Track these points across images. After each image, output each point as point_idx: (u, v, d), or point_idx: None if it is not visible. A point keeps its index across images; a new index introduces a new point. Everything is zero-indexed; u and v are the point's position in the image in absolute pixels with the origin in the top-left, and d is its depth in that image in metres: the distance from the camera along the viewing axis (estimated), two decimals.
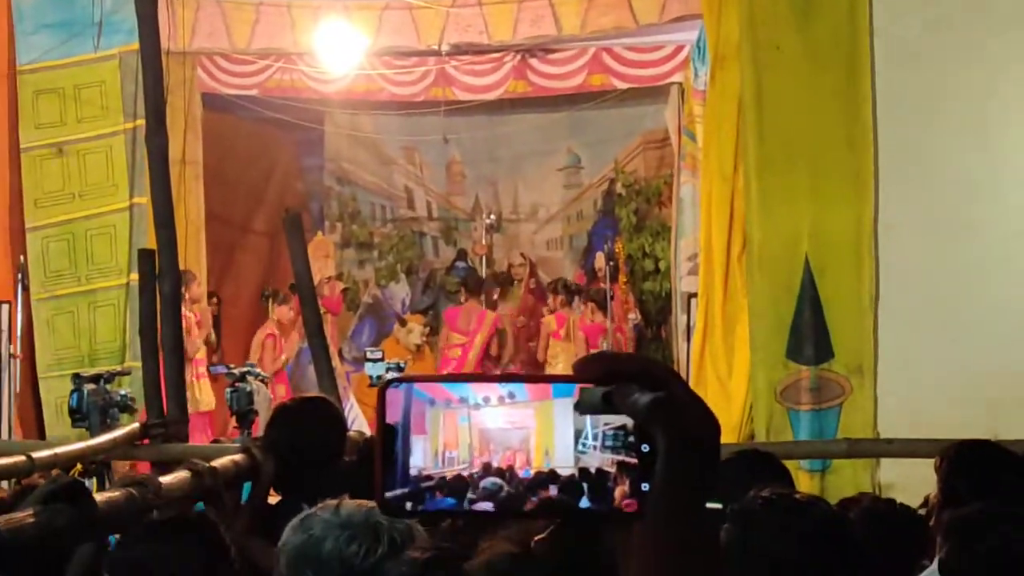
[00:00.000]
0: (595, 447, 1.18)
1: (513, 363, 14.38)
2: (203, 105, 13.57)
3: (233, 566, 3.26)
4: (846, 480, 8.94)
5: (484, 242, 14.72)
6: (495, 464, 1.18)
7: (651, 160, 14.52)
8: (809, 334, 9.32)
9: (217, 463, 4.51)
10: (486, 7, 12.70)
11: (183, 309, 8.87)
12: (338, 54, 13.11)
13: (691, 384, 8.62)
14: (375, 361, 9.97)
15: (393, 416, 1.18)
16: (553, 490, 1.18)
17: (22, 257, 12.08)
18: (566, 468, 1.18)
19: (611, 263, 13.56)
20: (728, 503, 3.03)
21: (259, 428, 9.06)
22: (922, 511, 4.88)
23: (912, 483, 6.44)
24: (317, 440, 4.87)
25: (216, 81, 13.73)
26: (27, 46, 12.37)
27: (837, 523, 3.09)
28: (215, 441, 10.76)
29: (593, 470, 1.18)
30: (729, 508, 2.87)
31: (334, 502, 3.09)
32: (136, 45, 9.62)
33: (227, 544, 3.24)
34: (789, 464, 7.34)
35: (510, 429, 1.19)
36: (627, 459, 1.18)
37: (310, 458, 4.80)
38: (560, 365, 13.50)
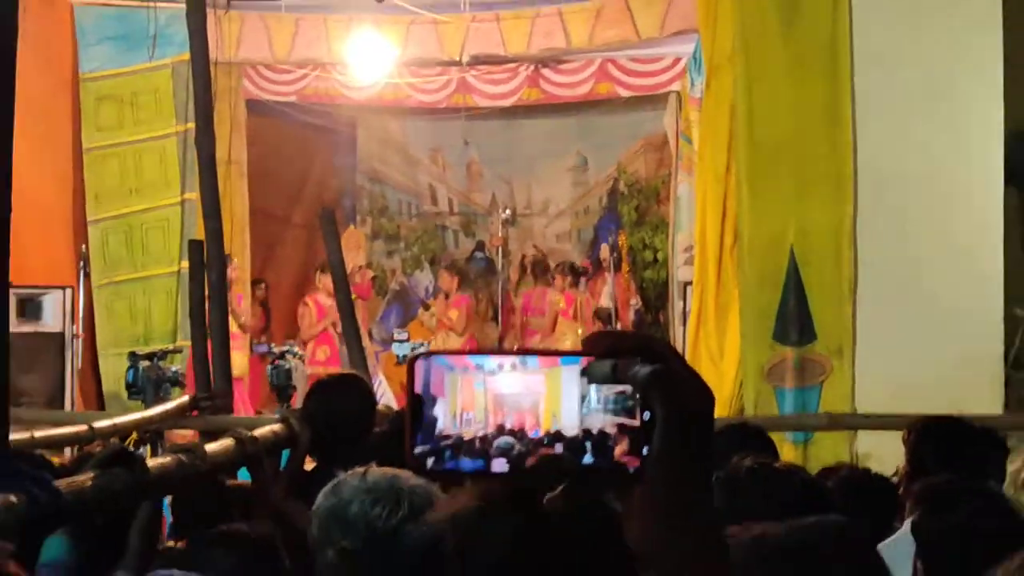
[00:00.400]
0: (598, 410, 1.18)
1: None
2: (247, 110, 13.57)
3: None
4: (826, 450, 8.92)
5: (500, 235, 14.68)
6: (508, 425, 1.18)
7: (651, 161, 14.49)
8: (793, 319, 9.31)
9: (258, 432, 4.50)
10: (503, 22, 12.69)
11: None
12: (369, 64, 13.10)
13: None
14: (401, 342, 10.00)
15: (420, 385, 1.18)
16: (559, 448, 1.18)
17: (84, 247, 12.12)
18: (571, 428, 1.18)
19: (615, 254, 13.54)
20: (717, 471, 3.02)
21: (297, 401, 9.09)
22: (894, 479, 4.88)
23: (886, 453, 6.42)
24: (349, 413, 4.87)
25: (259, 88, 13.73)
26: (89, 56, 12.41)
27: (815, 489, 3.09)
28: (258, 413, 10.79)
29: (595, 431, 1.18)
30: (715, 476, 2.86)
31: (362, 469, 3.08)
32: (187, 56, 9.62)
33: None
34: (775, 436, 7.34)
35: (522, 393, 1.18)
36: (626, 421, 1.18)
37: (343, 429, 4.80)
38: (568, 343, 13.51)
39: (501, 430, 1.19)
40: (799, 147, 9.40)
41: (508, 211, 14.66)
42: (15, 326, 10.91)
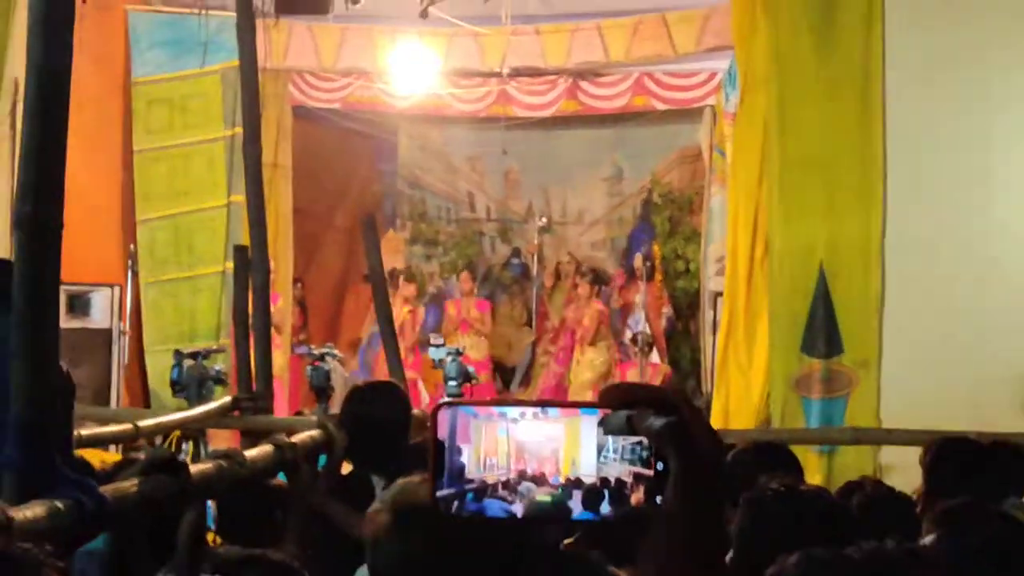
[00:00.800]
0: (615, 459, 1.20)
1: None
2: (293, 116, 13.64)
3: None
4: (850, 461, 8.92)
5: (536, 242, 14.73)
6: (529, 471, 1.20)
7: (685, 173, 14.46)
8: (821, 331, 9.32)
9: (296, 438, 4.55)
10: (543, 35, 12.72)
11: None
12: (411, 74, 13.15)
13: (716, 373, 8.66)
14: (437, 346, 9.99)
15: (442, 432, 1.21)
16: (577, 495, 1.20)
17: (132, 246, 12.21)
18: (589, 476, 1.20)
19: (648, 263, 13.53)
20: (743, 490, 3.04)
21: (335, 403, 9.15)
22: (914, 496, 4.88)
23: (910, 465, 6.42)
24: (385, 419, 4.90)
25: (305, 95, 13.79)
26: (141, 61, 12.51)
27: (839, 512, 3.09)
28: (298, 413, 10.86)
29: (613, 479, 1.20)
30: (741, 497, 2.88)
31: (406, 481, 3.08)
32: (236, 62, 9.67)
33: None
34: (800, 447, 7.35)
35: (542, 441, 1.20)
36: (642, 470, 1.20)
37: (378, 435, 4.83)
38: (603, 346, 13.62)
39: (523, 475, 1.21)
40: (830, 163, 9.42)
41: (544, 219, 14.69)
42: (64, 322, 11.02)
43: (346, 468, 4.97)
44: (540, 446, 1.22)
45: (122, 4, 12.24)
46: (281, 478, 4.77)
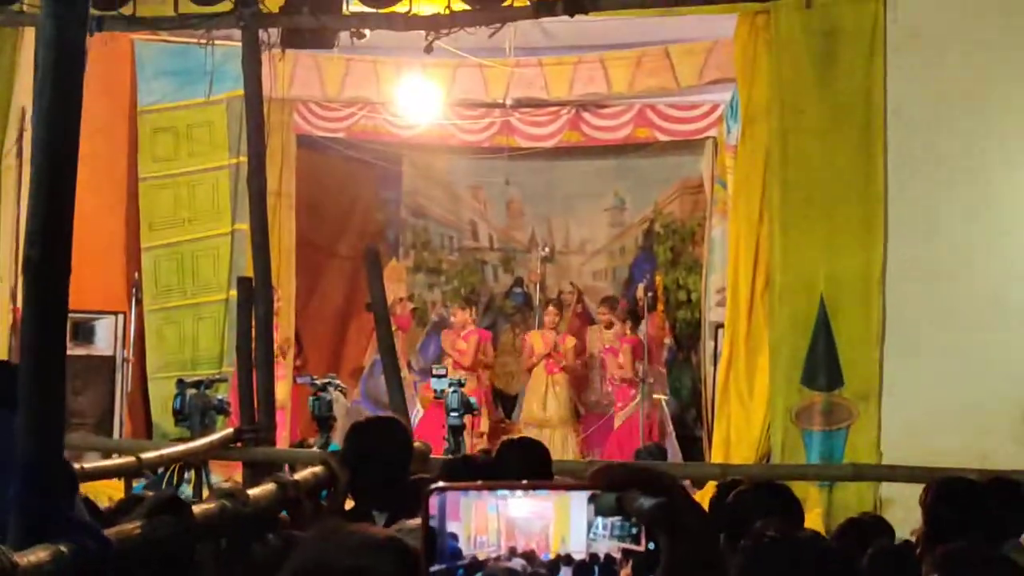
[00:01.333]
0: (604, 535, 1.22)
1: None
2: (297, 145, 13.69)
3: None
4: (851, 495, 8.94)
5: (538, 271, 14.72)
6: (519, 548, 1.23)
7: (687, 204, 14.45)
8: (822, 364, 9.35)
9: (299, 476, 4.58)
10: (546, 67, 12.77)
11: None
12: (416, 104, 13.20)
13: (716, 404, 8.66)
14: (439, 377, 10.05)
15: (435, 509, 1.23)
16: (567, 572, 1.23)
17: (137, 274, 12.25)
18: (579, 553, 1.22)
19: (650, 293, 13.52)
20: (744, 532, 3.05)
21: (336, 432, 9.18)
22: (912, 537, 4.90)
23: (909, 499, 6.44)
24: (386, 456, 4.91)
25: (309, 124, 13.83)
26: (147, 90, 12.57)
27: (837, 558, 3.09)
28: (300, 443, 10.88)
29: (602, 555, 1.22)
30: (741, 542, 2.89)
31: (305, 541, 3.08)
32: (241, 92, 9.75)
33: None
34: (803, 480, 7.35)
35: (532, 518, 1.22)
36: (631, 547, 1.23)
37: (379, 471, 4.84)
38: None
39: (513, 552, 1.23)
40: (831, 195, 9.46)
41: (546, 248, 14.70)
42: (68, 349, 11.02)
43: (348, 504, 4.99)
44: (530, 523, 1.23)
45: (129, 34, 12.29)
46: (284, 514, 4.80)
